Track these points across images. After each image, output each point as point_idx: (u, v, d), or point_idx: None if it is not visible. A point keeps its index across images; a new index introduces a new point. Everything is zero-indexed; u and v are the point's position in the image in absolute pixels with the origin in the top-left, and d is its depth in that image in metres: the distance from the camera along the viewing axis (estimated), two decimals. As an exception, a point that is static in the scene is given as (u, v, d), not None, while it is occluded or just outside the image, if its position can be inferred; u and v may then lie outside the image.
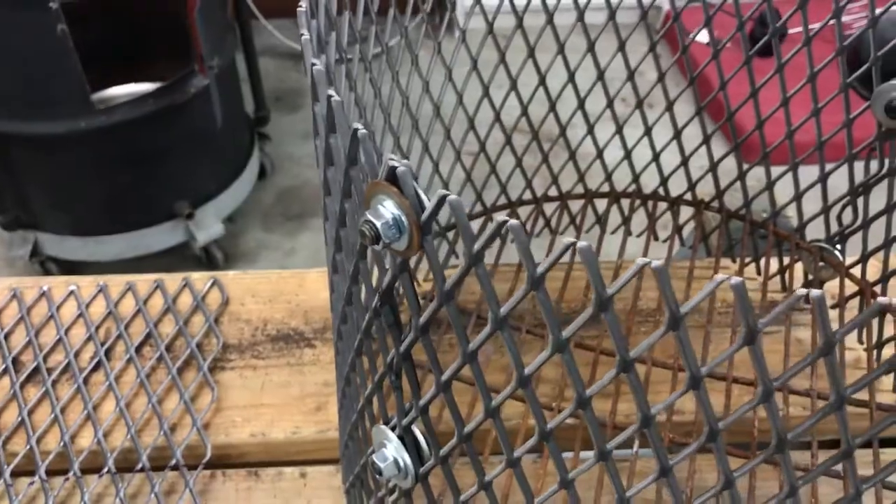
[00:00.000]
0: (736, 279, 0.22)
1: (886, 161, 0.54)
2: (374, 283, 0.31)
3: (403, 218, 0.26)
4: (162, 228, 1.68)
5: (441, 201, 0.25)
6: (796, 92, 0.55)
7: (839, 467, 0.47)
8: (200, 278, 0.65)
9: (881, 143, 0.53)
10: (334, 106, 0.28)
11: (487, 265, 0.62)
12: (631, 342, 0.56)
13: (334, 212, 0.32)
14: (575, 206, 0.66)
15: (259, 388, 0.57)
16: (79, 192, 1.62)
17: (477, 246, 0.25)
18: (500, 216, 0.24)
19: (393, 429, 0.33)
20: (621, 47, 0.57)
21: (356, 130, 0.26)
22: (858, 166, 0.55)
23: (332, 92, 0.28)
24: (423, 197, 0.25)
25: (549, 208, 0.66)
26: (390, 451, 0.33)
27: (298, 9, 0.33)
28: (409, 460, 0.33)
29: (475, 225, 0.64)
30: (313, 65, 0.29)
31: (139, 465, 0.52)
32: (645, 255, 0.62)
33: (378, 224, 0.25)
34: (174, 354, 0.60)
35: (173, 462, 0.52)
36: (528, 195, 0.65)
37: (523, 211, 0.66)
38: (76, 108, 1.45)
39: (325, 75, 0.31)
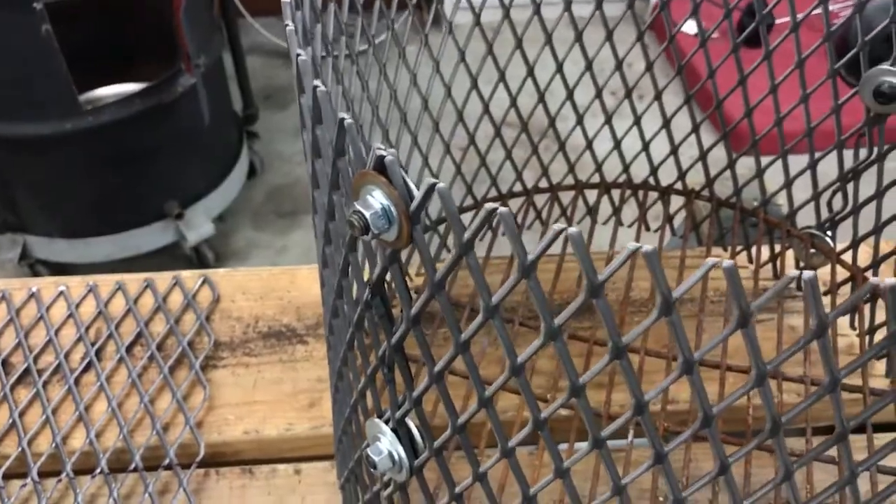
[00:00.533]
0: (728, 262, 0.22)
1: (875, 146, 0.54)
2: (364, 275, 0.31)
3: (392, 208, 0.25)
4: (152, 229, 1.67)
5: (430, 190, 0.24)
6: (784, 79, 0.55)
7: (834, 453, 0.47)
8: (191, 276, 0.65)
9: (870, 129, 0.53)
10: (320, 96, 0.27)
11: (479, 258, 0.61)
12: (624, 333, 0.56)
13: (323, 204, 0.32)
14: (566, 197, 0.66)
15: (251, 385, 0.57)
16: (67, 194, 1.61)
17: (467, 235, 0.25)
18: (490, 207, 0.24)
19: (387, 422, 0.33)
20: (609, 37, 0.57)
21: (342, 120, 0.26)
22: (849, 154, 0.55)
23: (317, 82, 0.27)
24: (412, 186, 0.25)
25: (539, 200, 0.66)
26: (384, 444, 0.33)
27: (283, 0, 0.33)
28: (403, 453, 0.33)
29: (466, 218, 0.64)
30: (298, 55, 0.29)
31: (132, 466, 0.52)
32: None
33: (367, 214, 0.25)
34: (165, 353, 0.59)
35: (167, 461, 0.52)
36: (518, 187, 0.65)
37: (514, 203, 0.65)
38: (63, 109, 1.44)
39: (311, 66, 0.30)
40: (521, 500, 0.30)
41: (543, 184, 0.65)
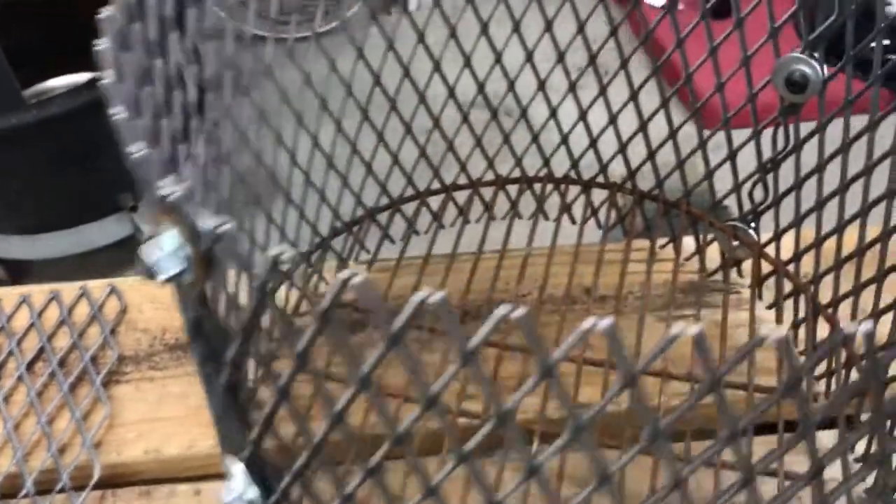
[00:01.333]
0: (520, 311, 0.20)
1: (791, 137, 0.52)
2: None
3: (186, 249, 0.23)
4: (106, 222, 1.63)
5: (219, 232, 0.22)
6: (698, 66, 0.53)
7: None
8: (98, 286, 0.62)
9: (785, 119, 0.52)
10: (117, 121, 0.25)
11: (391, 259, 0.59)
12: (541, 333, 0.54)
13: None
14: (489, 193, 0.63)
15: (156, 400, 0.55)
16: (18, 190, 1.57)
17: (256, 283, 0.22)
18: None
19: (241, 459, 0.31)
20: (516, 29, 0.54)
21: (132, 154, 0.24)
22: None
23: (117, 109, 0.25)
24: (202, 227, 0.23)
25: (461, 197, 0.63)
26: (236, 484, 0.31)
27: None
28: (255, 493, 0.31)
29: (384, 218, 0.62)
30: (103, 81, 0.26)
31: (23, 492, 0.50)
32: (554, 240, 0.60)
33: (149, 260, 0.23)
34: (67, 370, 0.57)
35: (60, 485, 0.50)
36: (436, 185, 0.63)
37: (434, 201, 0.63)
38: (6, 104, 1.41)
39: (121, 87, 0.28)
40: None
41: (463, 180, 0.63)
